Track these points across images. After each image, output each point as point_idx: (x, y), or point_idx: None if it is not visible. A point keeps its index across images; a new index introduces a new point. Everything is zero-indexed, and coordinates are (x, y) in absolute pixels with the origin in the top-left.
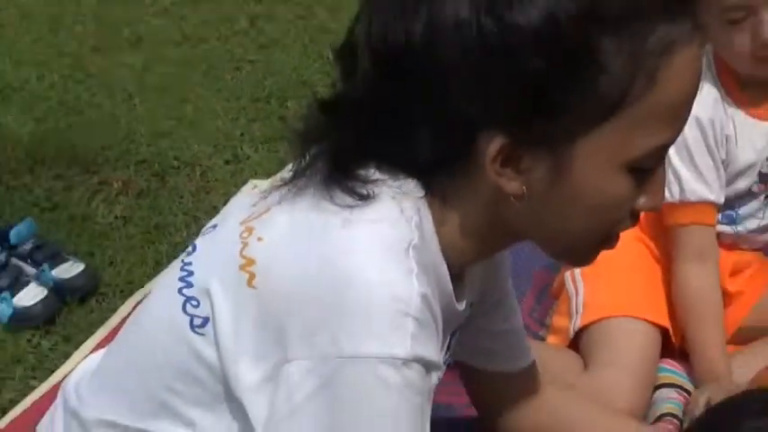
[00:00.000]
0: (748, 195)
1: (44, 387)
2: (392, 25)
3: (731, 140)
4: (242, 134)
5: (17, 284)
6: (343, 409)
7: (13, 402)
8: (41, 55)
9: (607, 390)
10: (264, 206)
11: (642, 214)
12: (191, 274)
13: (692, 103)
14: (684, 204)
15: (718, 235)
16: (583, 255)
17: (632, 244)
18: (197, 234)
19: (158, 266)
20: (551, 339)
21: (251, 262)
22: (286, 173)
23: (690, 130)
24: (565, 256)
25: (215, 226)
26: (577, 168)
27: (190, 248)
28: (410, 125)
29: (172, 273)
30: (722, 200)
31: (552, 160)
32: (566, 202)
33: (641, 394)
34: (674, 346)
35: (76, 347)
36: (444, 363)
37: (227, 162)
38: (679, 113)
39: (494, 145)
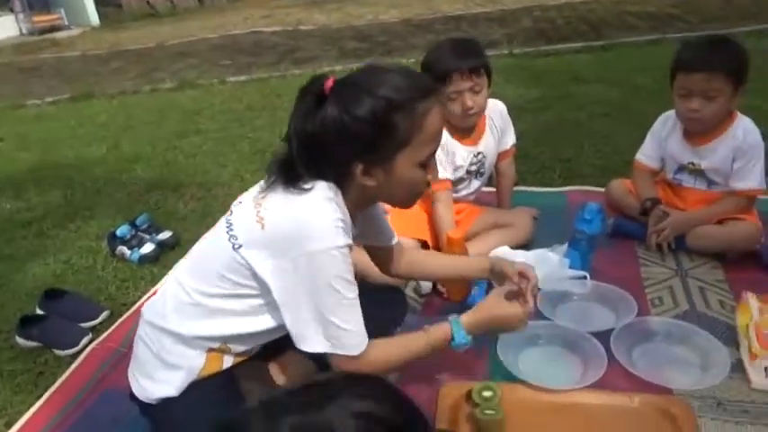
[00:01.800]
0: (461, 180)
1: (155, 287)
2: (304, 124)
3: (455, 155)
4: (246, 170)
5: (141, 244)
6: (320, 273)
7: (142, 295)
8: (152, 139)
9: None
10: (263, 194)
11: None
12: (232, 224)
13: (440, 133)
14: (439, 181)
15: None
16: (408, 203)
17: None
18: (220, 215)
19: (206, 230)
20: None
21: (262, 218)
22: (264, 182)
23: (438, 152)
24: (399, 205)
25: (240, 202)
26: (397, 170)
27: (230, 213)
28: (321, 165)
29: (222, 222)
30: (452, 178)
31: (385, 169)
32: (395, 184)
33: None
34: (430, 247)
35: (169, 270)
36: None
37: (239, 182)
38: (435, 139)
39: (359, 168)
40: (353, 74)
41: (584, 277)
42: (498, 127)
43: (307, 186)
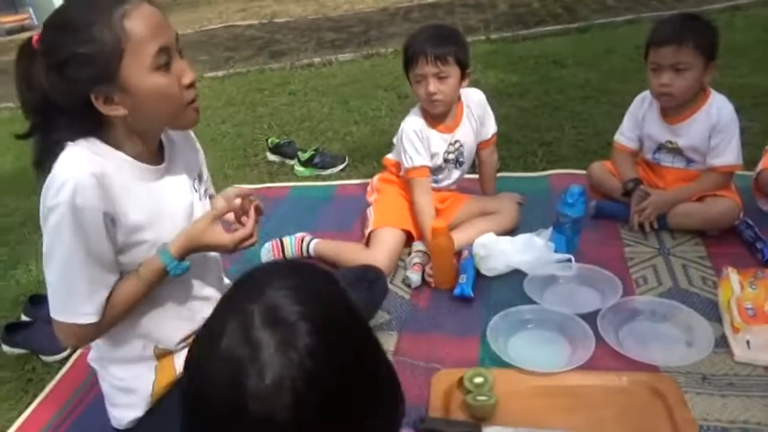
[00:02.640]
0: (439, 168)
1: None
2: (28, 89)
3: (429, 141)
4: (229, 167)
5: None
6: (55, 230)
7: None
8: None
9: (374, 259)
10: None
11: (399, 180)
12: None
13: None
14: (416, 168)
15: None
16: (182, 116)
17: (395, 195)
18: None
19: None
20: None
21: None
22: None
23: (414, 139)
24: (178, 126)
25: None
26: (132, 84)
27: None
28: (64, 120)
29: None
30: (430, 165)
31: (121, 89)
32: (143, 100)
33: (389, 262)
34: (415, 238)
35: None
36: (206, 194)
37: (222, 179)
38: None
39: (96, 99)
40: (51, 16)
41: (570, 260)
42: (476, 116)
43: (57, 154)
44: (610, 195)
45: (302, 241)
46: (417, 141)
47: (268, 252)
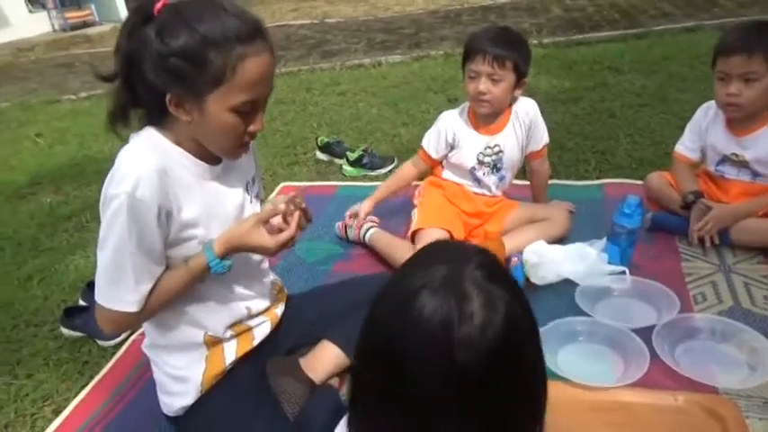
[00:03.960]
0: (472, 170)
1: None
2: (126, 39)
3: (460, 140)
4: (279, 164)
5: None
6: (112, 219)
7: None
8: None
9: None
10: None
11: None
12: None
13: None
14: (423, 149)
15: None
16: (231, 152)
17: (439, 197)
18: None
19: None
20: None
21: None
22: None
23: (439, 132)
24: (221, 151)
25: None
26: (208, 109)
27: None
28: (140, 90)
29: None
30: (436, 158)
31: (198, 106)
32: (208, 124)
33: None
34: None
35: None
36: (257, 197)
37: (271, 176)
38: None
39: (171, 99)
40: (185, 1)
41: (624, 272)
42: (523, 124)
43: (131, 137)
44: (667, 207)
45: (361, 228)
46: (439, 136)
47: (337, 229)
